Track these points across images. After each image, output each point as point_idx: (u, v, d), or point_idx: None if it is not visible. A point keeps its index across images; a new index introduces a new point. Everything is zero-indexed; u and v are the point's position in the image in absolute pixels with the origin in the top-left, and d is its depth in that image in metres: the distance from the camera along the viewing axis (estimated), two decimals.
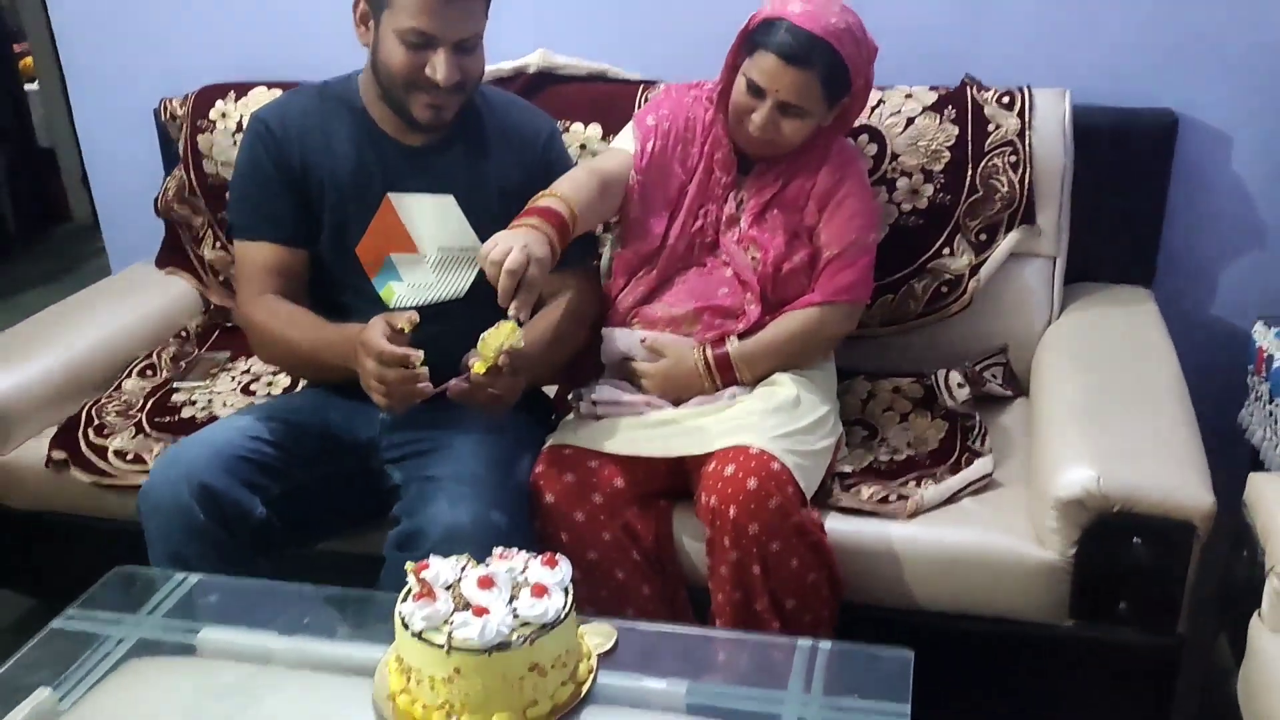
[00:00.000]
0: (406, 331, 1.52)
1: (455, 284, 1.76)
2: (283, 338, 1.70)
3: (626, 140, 1.84)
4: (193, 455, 1.58)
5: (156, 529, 1.56)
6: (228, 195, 1.85)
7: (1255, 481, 1.55)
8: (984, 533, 1.64)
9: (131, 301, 2.35)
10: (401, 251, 1.75)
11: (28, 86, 4.62)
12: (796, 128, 1.70)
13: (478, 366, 1.51)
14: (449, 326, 1.65)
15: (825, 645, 1.31)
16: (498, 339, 1.50)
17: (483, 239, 1.73)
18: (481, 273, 1.73)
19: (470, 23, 1.62)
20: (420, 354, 1.49)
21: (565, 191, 1.65)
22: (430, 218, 1.74)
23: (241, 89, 2.31)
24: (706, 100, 1.82)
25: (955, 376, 1.95)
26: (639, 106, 2.07)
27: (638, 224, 1.81)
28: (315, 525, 1.71)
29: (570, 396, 1.80)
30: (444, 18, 1.58)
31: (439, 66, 1.60)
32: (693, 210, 1.80)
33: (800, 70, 1.64)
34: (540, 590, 1.21)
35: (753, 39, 1.69)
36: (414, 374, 1.49)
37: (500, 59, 2.18)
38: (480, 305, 1.66)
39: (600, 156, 1.84)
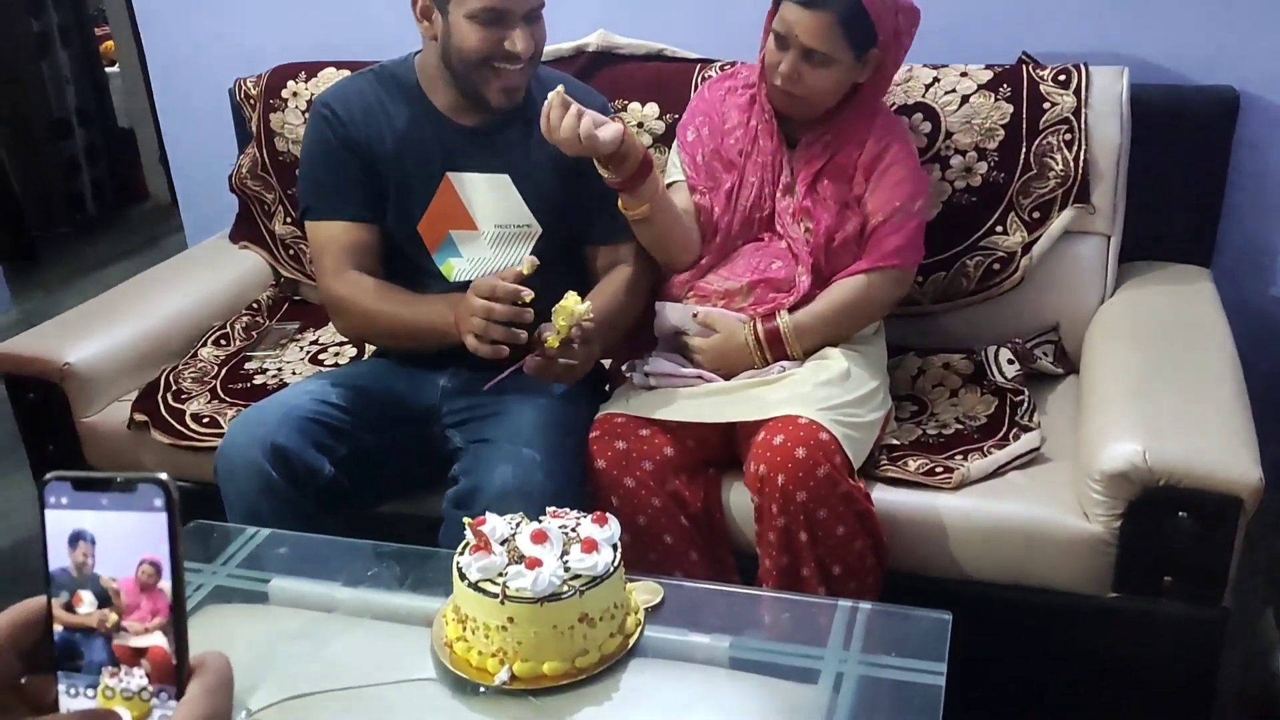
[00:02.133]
0: (526, 274, 1.58)
1: (511, 259, 1.81)
2: (372, 309, 1.75)
3: (675, 169, 1.91)
4: (266, 417, 1.66)
5: (233, 487, 1.64)
6: (298, 180, 1.93)
7: None
8: (1029, 505, 1.65)
9: (207, 274, 2.44)
10: (461, 229, 1.81)
11: (109, 70, 4.78)
12: (822, 77, 1.72)
13: (551, 340, 1.57)
14: None
15: (865, 606, 1.35)
16: (569, 311, 1.55)
17: (537, 216, 1.80)
18: (536, 246, 1.79)
19: None
20: (530, 293, 1.55)
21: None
22: (487, 196, 1.80)
23: (312, 69, 2.38)
24: (743, 86, 1.87)
25: (1005, 353, 1.97)
26: (695, 86, 2.11)
27: (701, 213, 1.86)
28: (379, 486, 1.78)
29: (624, 368, 1.86)
30: None
31: (517, 39, 1.65)
32: (743, 184, 1.83)
33: (817, 12, 1.67)
34: (590, 545, 1.26)
35: None
36: (520, 311, 1.55)
37: (560, 39, 2.23)
38: (534, 278, 1.71)
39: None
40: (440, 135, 1.79)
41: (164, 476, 0.57)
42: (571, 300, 1.56)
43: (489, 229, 1.80)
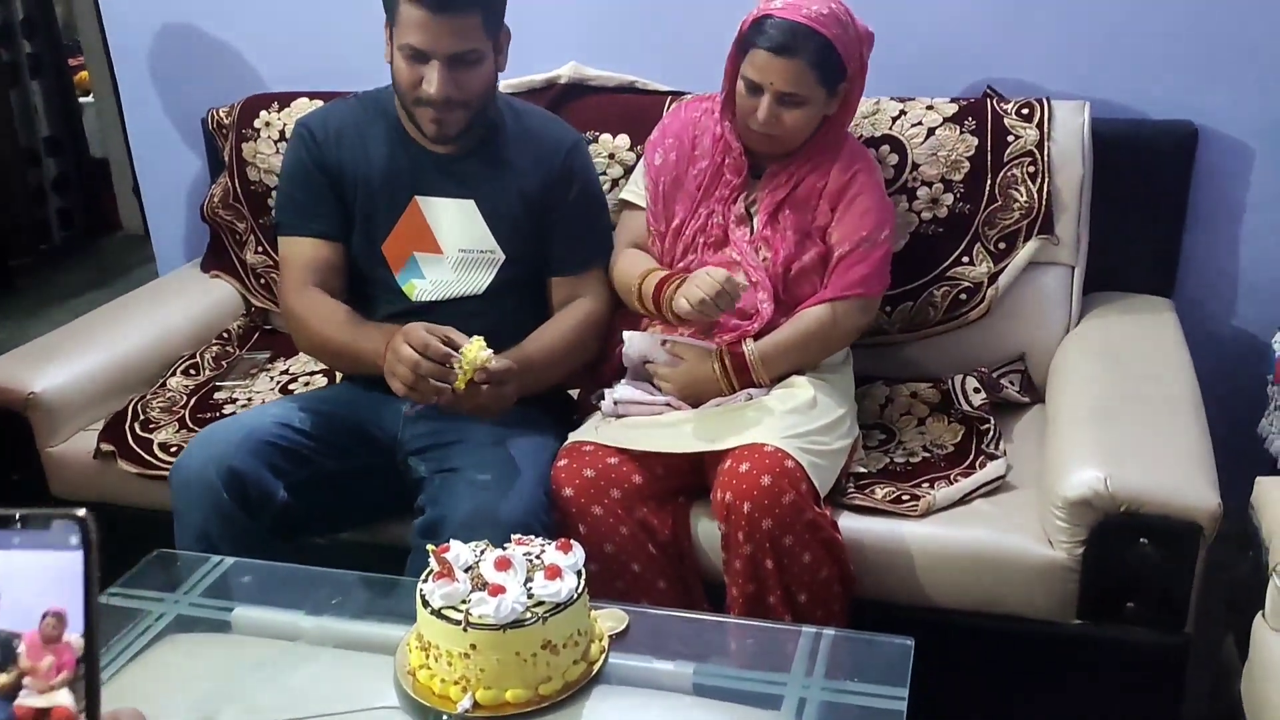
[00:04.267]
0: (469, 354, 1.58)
1: (474, 282, 1.83)
2: (320, 330, 1.78)
3: (636, 193, 1.95)
4: (224, 438, 1.66)
5: (184, 505, 1.64)
6: (274, 196, 1.95)
7: (1262, 485, 1.57)
8: (994, 532, 1.67)
9: (177, 303, 2.43)
10: (425, 251, 1.83)
11: (83, 100, 4.77)
12: (798, 117, 1.76)
13: (458, 382, 1.57)
14: (467, 322, 1.72)
15: (829, 632, 1.35)
16: (469, 358, 1.55)
17: (500, 243, 1.82)
18: (499, 272, 1.81)
19: (463, 39, 1.66)
20: (460, 358, 1.56)
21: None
22: (453, 220, 1.82)
23: (285, 99, 2.40)
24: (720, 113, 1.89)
25: (971, 382, 1.99)
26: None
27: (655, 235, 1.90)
28: (338, 514, 1.78)
29: (593, 396, 1.86)
30: (434, 33, 1.64)
31: (431, 81, 1.67)
32: (695, 208, 1.86)
33: (790, 59, 1.71)
34: (554, 572, 1.26)
35: (745, 41, 1.76)
36: (446, 371, 1.56)
37: (533, 71, 2.26)
38: (496, 303, 1.75)
39: (627, 227, 1.96)
40: (412, 160, 1.82)
41: (82, 513, 0.54)
42: (474, 347, 1.57)
43: (453, 252, 1.82)
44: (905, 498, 1.73)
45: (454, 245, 1.82)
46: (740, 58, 1.77)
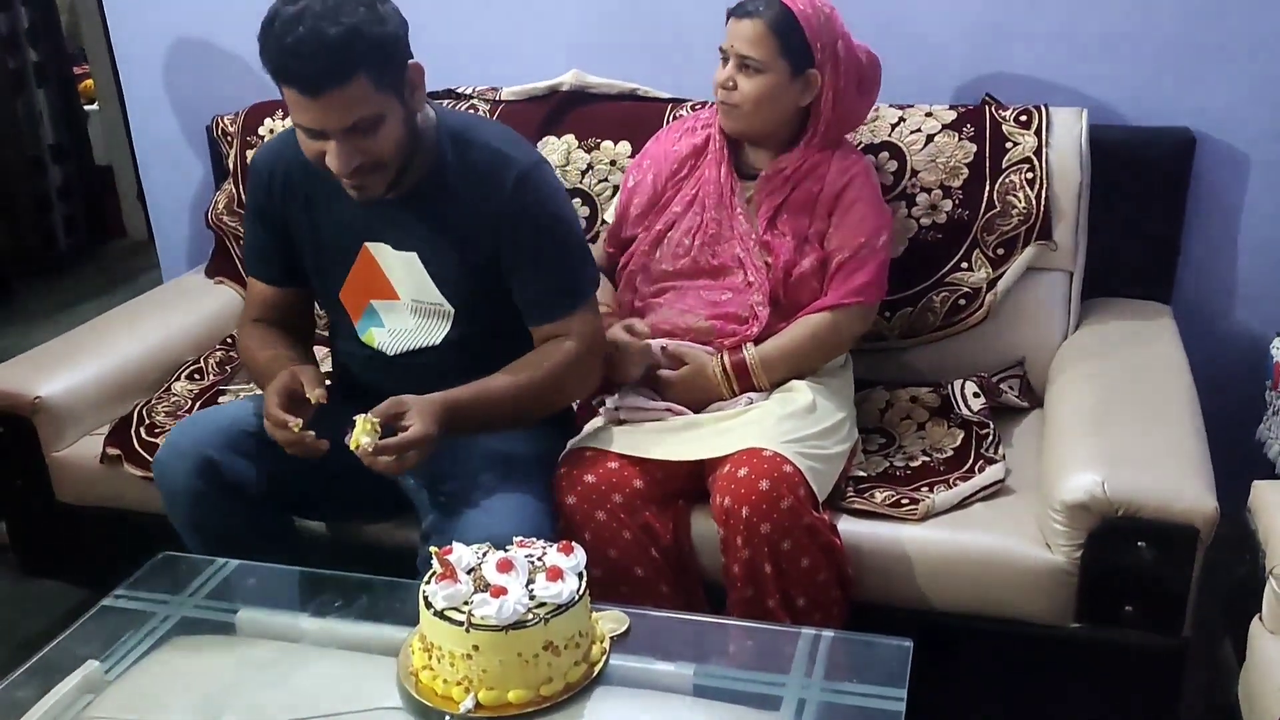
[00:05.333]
0: (313, 403, 1.56)
1: (431, 332, 1.75)
2: (254, 370, 1.79)
3: (613, 205, 2.04)
4: (200, 429, 1.68)
5: (169, 498, 1.67)
6: None
7: (1259, 488, 1.58)
8: (993, 536, 1.68)
9: (182, 309, 2.45)
10: (382, 298, 1.75)
11: (88, 108, 4.80)
12: (755, 85, 1.79)
13: (350, 443, 1.52)
14: (428, 371, 1.70)
15: (828, 634, 1.37)
16: (354, 444, 1.50)
17: (448, 298, 1.71)
18: (453, 324, 1.72)
19: (352, 110, 1.49)
20: (299, 421, 1.53)
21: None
22: (401, 271, 1.73)
23: None
24: (701, 126, 1.95)
25: (971, 386, 2.00)
26: (667, 124, 2.15)
27: (637, 255, 1.95)
28: (335, 500, 1.78)
29: (594, 402, 1.88)
30: (319, 112, 1.50)
31: (330, 156, 1.54)
32: (674, 227, 1.90)
33: (750, 20, 1.77)
34: (556, 573, 1.27)
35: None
36: (298, 436, 1.54)
37: (535, 79, 2.28)
38: (453, 355, 1.72)
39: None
40: (357, 205, 1.66)
41: None
42: (358, 430, 1.50)
43: (408, 300, 1.74)
44: (904, 502, 1.74)
45: (408, 295, 1.73)
46: None
